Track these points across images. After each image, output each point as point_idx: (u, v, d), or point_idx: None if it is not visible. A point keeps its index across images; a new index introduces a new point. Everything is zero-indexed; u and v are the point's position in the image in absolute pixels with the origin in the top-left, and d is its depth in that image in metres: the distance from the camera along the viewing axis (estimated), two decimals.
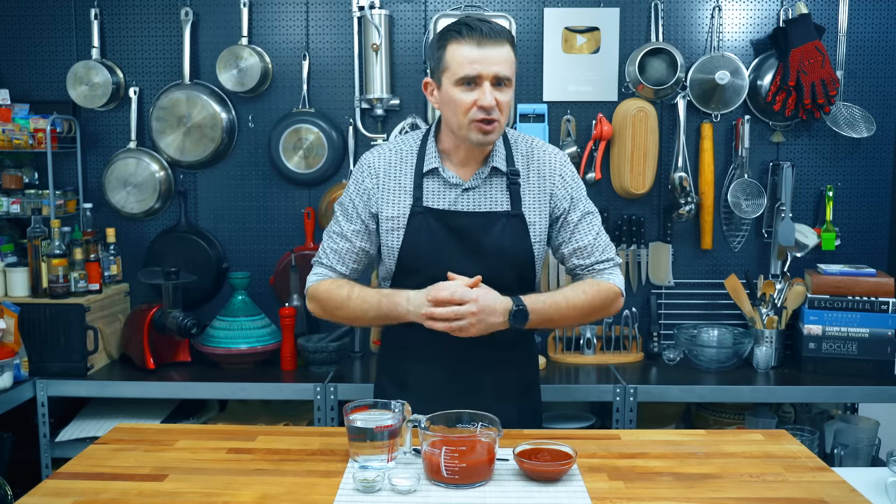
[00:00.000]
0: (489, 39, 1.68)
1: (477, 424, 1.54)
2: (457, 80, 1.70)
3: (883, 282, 2.74)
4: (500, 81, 1.70)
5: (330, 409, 2.60)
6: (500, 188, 1.82)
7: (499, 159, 1.82)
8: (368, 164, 1.86)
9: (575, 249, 1.85)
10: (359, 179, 1.86)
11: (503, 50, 1.70)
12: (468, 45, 1.68)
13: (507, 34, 1.72)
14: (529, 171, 1.84)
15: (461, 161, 1.82)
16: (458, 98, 1.70)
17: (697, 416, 2.92)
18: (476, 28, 1.68)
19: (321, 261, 1.89)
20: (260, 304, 2.91)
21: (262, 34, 2.98)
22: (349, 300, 1.80)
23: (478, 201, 1.81)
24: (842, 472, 1.59)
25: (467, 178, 1.82)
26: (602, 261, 1.85)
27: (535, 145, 1.87)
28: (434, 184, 1.82)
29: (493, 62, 1.68)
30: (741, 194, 2.90)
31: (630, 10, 2.94)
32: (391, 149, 1.87)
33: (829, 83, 2.79)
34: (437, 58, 1.74)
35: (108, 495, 1.44)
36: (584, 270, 1.86)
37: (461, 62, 1.69)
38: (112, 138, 3.04)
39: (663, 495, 1.44)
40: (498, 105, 1.70)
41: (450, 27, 1.73)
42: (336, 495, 1.44)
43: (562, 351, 2.92)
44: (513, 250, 1.80)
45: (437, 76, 1.75)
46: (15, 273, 2.77)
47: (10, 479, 2.04)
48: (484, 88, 1.68)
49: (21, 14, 3.00)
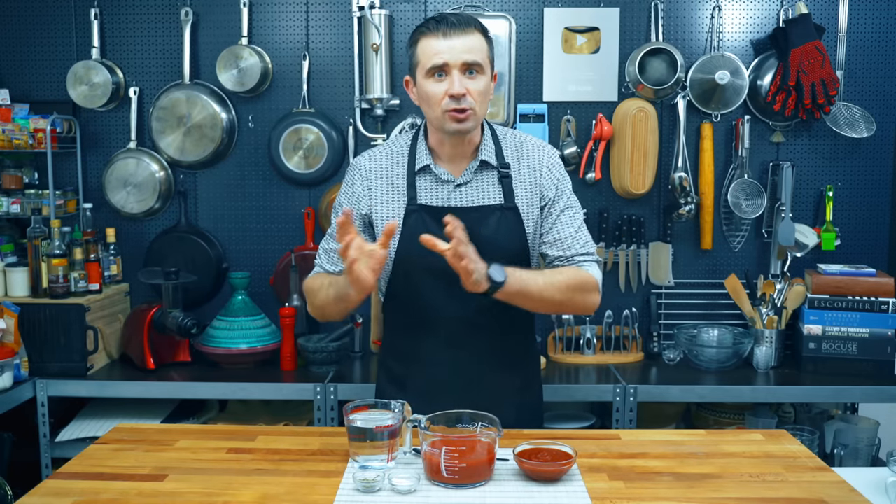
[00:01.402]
0: (455, 29, 1.71)
1: (477, 424, 1.54)
2: (426, 71, 1.73)
3: (883, 282, 2.74)
4: (470, 69, 1.72)
5: (330, 409, 2.60)
6: (491, 182, 1.83)
7: (487, 153, 1.83)
8: (359, 167, 1.88)
9: (556, 240, 1.84)
10: (349, 183, 1.89)
11: (471, 38, 1.72)
12: (435, 37, 1.72)
13: (474, 22, 1.74)
14: (520, 164, 1.85)
15: (449, 157, 1.83)
16: (431, 90, 1.73)
17: (697, 416, 2.92)
18: (442, 20, 1.73)
19: (317, 264, 1.93)
20: (260, 304, 2.91)
21: (262, 34, 2.98)
22: (324, 288, 1.83)
23: (471, 196, 1.82)
24: (842, 472, 1.59)
25: (458, 174, 1.83)
26: (582, 254, 1.85)
27: (524, 139, 1.89)
28: (427, 181, 1.83)
29: (459, 50, 1.70)
30: (741, 194, 2.90)
31: (630, 10, 2.94)
32: (382, 151, 1.89)
33: (829, 83, 2.79)
34: (410, 55, 1.79)
35: (108, 495, 1.44)
36: (564, 262, 1.85)
37: (429, 54, 1.72)
38: (112, 138, 3.04)
39: (663, 495, 1.44)
40: (470, 93, 1.71)
41: (420, 25, 1.78)
42: (336, 495, 1.44)
43: (562, 351, 2.92)
44: (508, 242, 1.81)
45: (413, 72, 1.79)
46: (15, 273, 2.77)
47: (10, 479, 2.04)
48: (453, 77, 1.71)
49: (21, 14, 3.01)
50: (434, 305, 1.81)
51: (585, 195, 3.00)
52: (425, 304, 1.82)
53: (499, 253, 1.78)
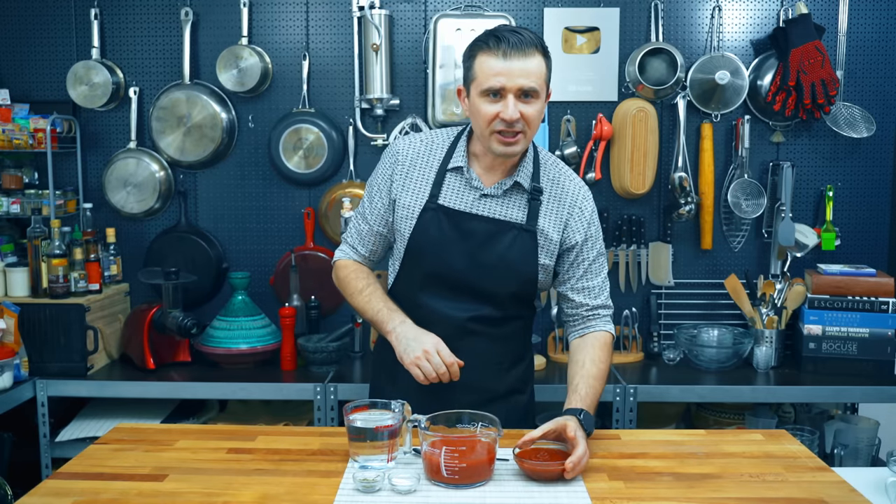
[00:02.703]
0: (516, 51, 1.66)
1: (477, 424, 1.54)
2: (482, 91, 1.70)
3: (883, 282, 2.74)
4: (526, 94, 1.69)
5: (330, 409, 2.60)
6: (519, 202, 1.81)
7: (524, 175, 1.81)
8: (397, 150, 1.87)
9: (584, 287, 1.85)
10: (385, 164, 1.89)
11: (531, 61, 1.68)
12: (494, 56, 1.68)
13: (536, 43, 1.69)
14: (552, 195, 1.83)
15: (487, 167, 1.81)
16: (483, 109, 1.70)
17: (697, 416, 2.92)
18: (504, 39, 1.67)
19: (346, 238, 1.96)
20: (260, 304, 2.91)
21: (262, 34, 2.98)
22: (360, 293, 1.88)
23: (494, 209, 1.80)
24: (842, 472, 1.59)
25: (489, 185, 1.81)
26: (605, 305, 1.88)
27: (564, 173, 1.87)
28: (455, 182, 1.82)
29: (517, 74, 1.67)
30: (741, 194, 2.90)
31: (630, 10, 2.94)
32: (423, 140, 1.88)
33: (829, 83, 2.79)
34: (466, 67, 1.75)
35: (108, 495, 1.44)
36: (588, 311, 1.86)
37: (487, 74, 1.68)
38: (112, 138, 3.04)
39: (663, 495, 1.44)
40: (523, 117, 1.69)
41: (480, 37, 1.73)
42: (336, 495, 1.44)
43: (562, 351, 2.92)
44: (518, 264, 1.79)
45: (467, 85, 1.76)
46: (15, 273, 2.77)
47: (10, 479, 2.04)
48: (507, 101, 1.67)
49: (21, 14, 3.00)
50: (431, 306, 1.81)
51: None
52: (424, 303, 1.82)
53: (509, 271, 1.78)
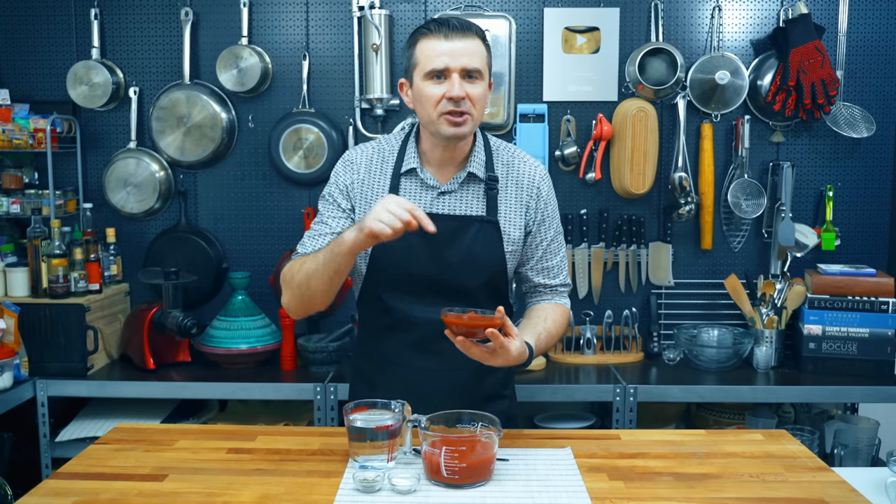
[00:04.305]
0: (457, 32, 1.70)
1: (477, 424, 1.54)
2: (426, 73, 1.71)
3: (883, 282, 2.74)
4: (470, 74, 1.70)
5: (330, 409, 2.60)
6: (476, 194, 1.81)
7: (476, 165, 1.80)
8: (350, 160, 1.86)
9: (544, 268, 1.87)
10: (339, 174, 1.85)
11: (472, 42, 1.71)
12: (436, 39, 1.70)
13: (475, 28, 1.73)
14: (508, 180, 1.83)
15: (438, 163, 1.81)
16: (428, 91, 1.71)
17: (697, 416, 2.93)
18: (444, 23, 1.71)
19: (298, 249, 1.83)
20: (260, 304, 2.91)
21: (262, 34, 2.98)
22: (303, 264, 1.73)
23: (453, 205, 1.80)
24: (842, 472, 1.59)
25: (445, 182, 1.81)
26: (565, 283, 1.91)
27: (517, 155, 1.87)
28: (411, 185, 1.81)
29: (460, 54, 1.69)
30: (741, 194, 2.90)
31: (630, 10, 2.94)
32: (374, 147, 1.87)
33: (829, 83, 2.80)
34: (408, 56, 1.77)
35: (108, 495, 1.44)
36: (547, 290, 1.89)
37: (430, 55, 1.70)
38: (112, 138, 3.04)
39: (663, 495, 1.44)
40: (469, 97, 1.70)
41: (420, 26, 1.76)
42: (336, 495, 1.44)
43: (562, 351, 2.92)
44: (484, 257, 1.78)
45: (410, 74, 1.77)
46: (15, 273, 2.77)
47: (10, 479, 2.04)
48: (453, 80, 1.69)
49: (21, 14, 3.01)
50: (406, 309, 1.79)
51: (585, 195, 3.00)
52: (398, 307, 1.79)
53: (476, 265, 1.77)
